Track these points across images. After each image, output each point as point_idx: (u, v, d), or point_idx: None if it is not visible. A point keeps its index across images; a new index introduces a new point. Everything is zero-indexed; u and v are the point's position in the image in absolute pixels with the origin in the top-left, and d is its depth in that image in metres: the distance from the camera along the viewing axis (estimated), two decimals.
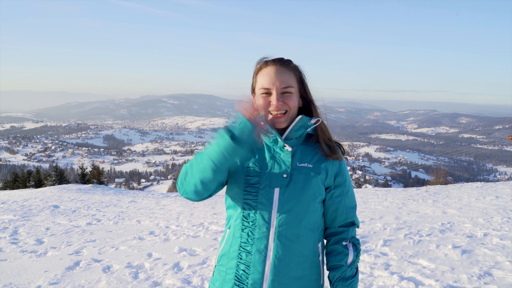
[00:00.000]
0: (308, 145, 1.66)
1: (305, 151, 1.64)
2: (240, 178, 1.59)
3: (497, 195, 10.48)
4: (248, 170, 1.58)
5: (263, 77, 1.61)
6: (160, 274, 4.57)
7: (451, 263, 4.59)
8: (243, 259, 1.56)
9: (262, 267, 1.53)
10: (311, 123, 1.63)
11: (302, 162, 1.60)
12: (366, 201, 11.00)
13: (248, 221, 1.56)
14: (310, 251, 1.60)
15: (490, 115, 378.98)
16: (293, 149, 1.62)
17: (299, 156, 1.62)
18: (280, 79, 1.59)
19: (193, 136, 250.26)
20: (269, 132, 1.59)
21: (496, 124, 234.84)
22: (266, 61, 1.65)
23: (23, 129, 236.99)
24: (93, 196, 13.84)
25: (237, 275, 1.57)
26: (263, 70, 1.63)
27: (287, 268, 1.54)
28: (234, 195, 1.62)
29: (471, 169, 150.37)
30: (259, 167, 1.58)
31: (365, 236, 6.14)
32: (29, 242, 6.42)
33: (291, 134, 1.61)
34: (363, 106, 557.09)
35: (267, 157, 1.61)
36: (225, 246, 1.65)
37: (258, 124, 1.38)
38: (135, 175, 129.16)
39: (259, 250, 1.54)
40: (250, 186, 1.57)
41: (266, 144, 1.64)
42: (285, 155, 1.59)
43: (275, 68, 1.61)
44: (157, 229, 7.51)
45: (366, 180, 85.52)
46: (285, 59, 1.65)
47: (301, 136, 1.65)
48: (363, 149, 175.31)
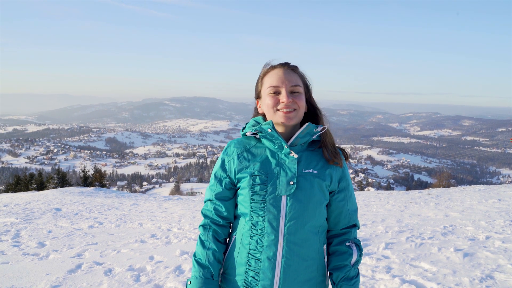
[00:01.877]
0: (312, 151, 1.68)
1: (310, 157, 1.65)
2: (246, 186, 1.60)
3: (500, 198, 10.45)
4: (254, 178, 1.59)
5: (271, 77, 1.63)
6: (161, 277, 4.57)
7: (453, 266, 4.58)
8: (252, 266, 1.58)
9: (272, 273, 1.55)
10: (317, 130, 1.64)
11: (308, 168, 1.62)
12: (368, 204, 10.98)
13: (256, 229, 1.58)
14: (317, 253, 1.62)
15: (493, 118, 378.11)
16: (299, 156, 1.63)
17: (304, 162, 1.63)
18: (289, 79, 1.61)
19: (195, 138, 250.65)
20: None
21: (499, 127, 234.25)
22: (273, 65, 1.67)
23: (25, 132, 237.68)
24: (95, 199, 13.85)
25: (246, 282, 1.59)
26: (270, 72, 1.65)
27: (296, 273, 1.57)
28: (241, 203, 1.64)
29: (474, 171, 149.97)
30: (265, 175, 1.59)
31: (367, 239, 6.13)
32: (31, 245, 6.43)
33: (296, 140, 1.62)
34: (365, 109, 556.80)
35: (272, 164, 1.62)
36: (233, 253, 1.66)
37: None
38: (137, 178, 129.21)
39: (268, 257, 1.56)
40: (257, 194, 1.58)
41: (271, 150, 1.65)
42: (290, 161, 1.60)
43: (283, 69, 1.64)
44: (159, 232, 7.52)
45: (368, 183, 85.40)
46: (293, 64, 1.68)
47: (305, 143, 1.66)
48: (365, 152, 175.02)
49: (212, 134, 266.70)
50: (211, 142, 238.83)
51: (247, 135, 1.72)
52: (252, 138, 1.72)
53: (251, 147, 1.69)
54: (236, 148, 1.69)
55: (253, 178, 1.59)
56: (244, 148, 1.69)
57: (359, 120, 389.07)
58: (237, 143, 1.72)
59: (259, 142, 1.70)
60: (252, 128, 1.67)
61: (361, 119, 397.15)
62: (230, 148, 1.71)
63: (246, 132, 1.70)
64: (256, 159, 1.64)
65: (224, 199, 1.68)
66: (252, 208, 1.58)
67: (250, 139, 1.72)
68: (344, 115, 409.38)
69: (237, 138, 1.75)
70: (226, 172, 1.67)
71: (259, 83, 1.70)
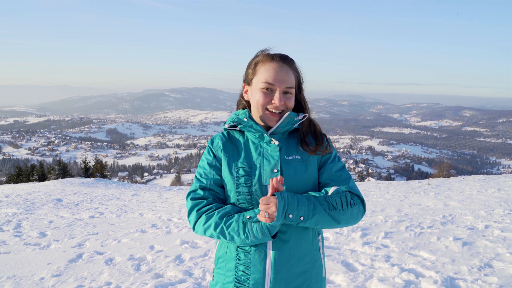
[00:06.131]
0: (293, 138, 1.66)
1: (291, 144, 1.64)
2: (231, 179, 1.58)
3: (499, 187, 10.47)
4: (237, 170, 1.58)
5: (268, 72, 1.58)
6: (162, 266, 4.61)
7: (452, 255, 4.60)
8: (242, 259, 1.55)
9: (262, 266, 1.52)
10: (298, 118, 1.62)
11: (290, 155, 1.60)
12: (368, 193, 11.00)
13: None
14: (310, 244, 1.59)
15: (494, 108, 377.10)
16: (280, 143, 1.61)
17: (286, 149, 1.61)
18: (285, 79, 1.58)
19: (196, 129, 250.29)
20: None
21: (499, 117, 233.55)
22: (271, 54, 1.62)
23: (26, 124, 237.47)
24: (96, 190, 13.90)
25: (237, 276, 1.56)
26: (268, 64, 1.60)
27: (287, 264, 1.53)
28: (227, 197, 1.62)
29: (474, 162, 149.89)
30: (248, 166, 1.58)
31: (367, 228, 6.16)
32: (33, 235, 6.47)
33: (278, 129, 1.61)
34: (366, 100, 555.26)
35: (254, 154, 1.61)
36: (222, 248, 1.64)
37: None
38: (138, 168, 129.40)
39: (258, 249, 1.53)
40: (242, 186, 1.56)
41: (252, 140, 1.64)
42: (272, 149, 1.59)
43: (281, 65, 1.59)
44: (159, 222, 7.55)
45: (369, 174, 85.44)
46: (290, 58, 1.64)
47: (286, 131, 1.65)
48: (366, 143, 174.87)
49: (213, 125, 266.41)
50: (211, 133, 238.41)
51: (227, 128, 1.71)
52: (236, 132, 1.72)
53: (234, 140, 1.69)
54: (220, 140, 1.68)
55: (236, 170, 1.58)
56: (227, 141, 1.68)
57: (359, 110, 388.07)
58: (221, 135, 1.71)
59: (241, 134, 1.70)
60: (231, 120, 1.67)
61: (361, 109, 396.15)
62: (215, 140, 1.69)
63: (224, 125, 1.70)
64: (239, 151, 1.64)
65: (221, 186, 1.64)
66: (238, 201, 1.56)
67: (234, 132, 1.72)
68: (344, 106, 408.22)
69: (221, 132, 1.75)
70: (218, 160, 1.65)
71: (252, 70, 1.65)
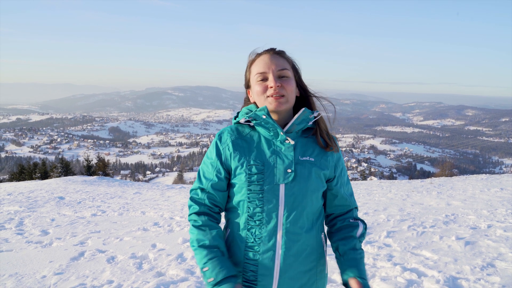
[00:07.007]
0: (306, 137, 1.63)
1: (306, 144, 1.60)
2: (243, 177, 1.53)
3: (502, 187, 10.44)
4: (250, 167, 1.52)
5: (258, 65, 1.58)
6: (164, 264, 4.60)
7: (454, 255, 4.59)
8: (251, 259, 1.53)
9: (271, 265, 1.51)
10: (313, 116, 1.59)
11: (304, 155, 1.57)
12: (370, 192, 10.99)
13: (254, 220, 1.53)
14: (316, 242, 1.59)
15: (497, 108, 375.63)
16: (294, 143, 1.57)
17: (300, 149, 1.58)
18: (275, 62, 1.56)
19: (199, 128, 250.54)
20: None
21: (502, 117, 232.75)
22: (258, 52, 1.63)
23: (29, 121, 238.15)
24: (98, 188, 13.92)
25: (245, 275, 1.54)
26: (257, 60, 1.61)
27: (296, 262, 1.53)
28: (236, 194, 1.57)
29: (477, 161, 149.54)
30: (261, 164, 1.53)
31: (369, 228, 6.14)
32: (35, 233, 6.48)
33: (292, 127, 1.57)
34: (368, 98, 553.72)
35: (267, 152, 1.55)
36: (229, 249, 1.60)
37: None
38: (141, 167, 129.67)
39: (267, 248, 1.51)
40: (254, 184, 1.51)
41: (265, 137, 1.58)
42: (287, 149, 1.55)
43: (269, 55, 1.59)
44: (161, 220, 7.55)
45: (371, 173, 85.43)
46: (278, 49, 1.63)
47: (300, 130, 1.60)
48: (368, 141, 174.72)
49: (215, 123, 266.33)
50: (214, 131, 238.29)
51: (240, 123, 1.65)
52: (246, 126, 1.64)
53: (245, 135, 1.61)
54: (230, 135, 1.60)
55: (249, 168, 1.52)
56: (238, 135, 1.60)
57: (362, 109, 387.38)
58: (230, 130, 1.62)
59: (253, 130, 1.62)
60: (246, 115, 1.59)
61: (364, 108, 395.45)
62: (224, 135, 1.61)
63: (239, 120, 1.63)
64: (251, 147, 1.57)
65: (219, 190, 1.59)
66: (249, 199, 1.52)
67: (244, 127, 1.64)
68: (347, 105, 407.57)
69: (230, 126, 1.66)
70: (221, 160, 1.58)
71: (247, 72, 1.65)
